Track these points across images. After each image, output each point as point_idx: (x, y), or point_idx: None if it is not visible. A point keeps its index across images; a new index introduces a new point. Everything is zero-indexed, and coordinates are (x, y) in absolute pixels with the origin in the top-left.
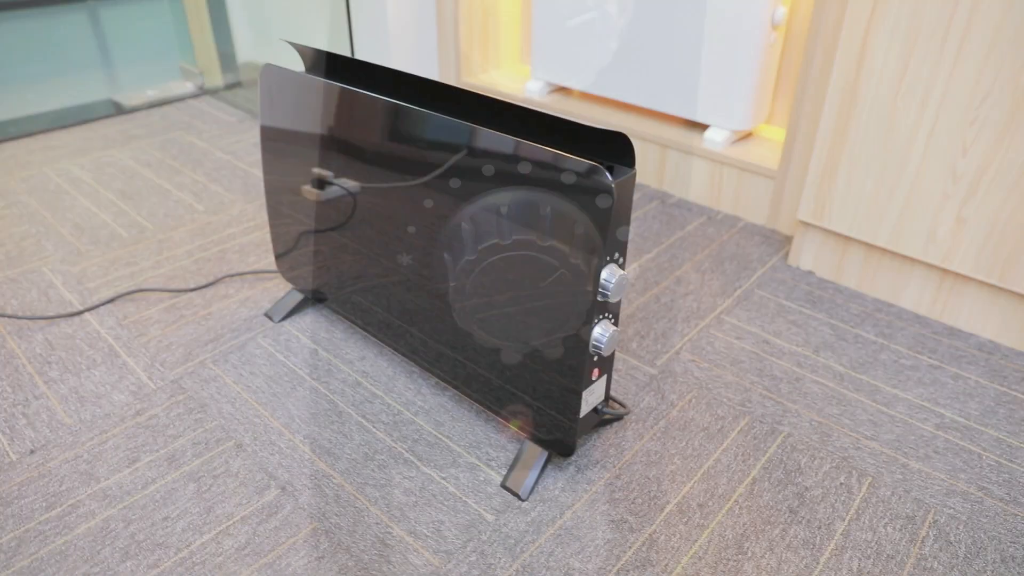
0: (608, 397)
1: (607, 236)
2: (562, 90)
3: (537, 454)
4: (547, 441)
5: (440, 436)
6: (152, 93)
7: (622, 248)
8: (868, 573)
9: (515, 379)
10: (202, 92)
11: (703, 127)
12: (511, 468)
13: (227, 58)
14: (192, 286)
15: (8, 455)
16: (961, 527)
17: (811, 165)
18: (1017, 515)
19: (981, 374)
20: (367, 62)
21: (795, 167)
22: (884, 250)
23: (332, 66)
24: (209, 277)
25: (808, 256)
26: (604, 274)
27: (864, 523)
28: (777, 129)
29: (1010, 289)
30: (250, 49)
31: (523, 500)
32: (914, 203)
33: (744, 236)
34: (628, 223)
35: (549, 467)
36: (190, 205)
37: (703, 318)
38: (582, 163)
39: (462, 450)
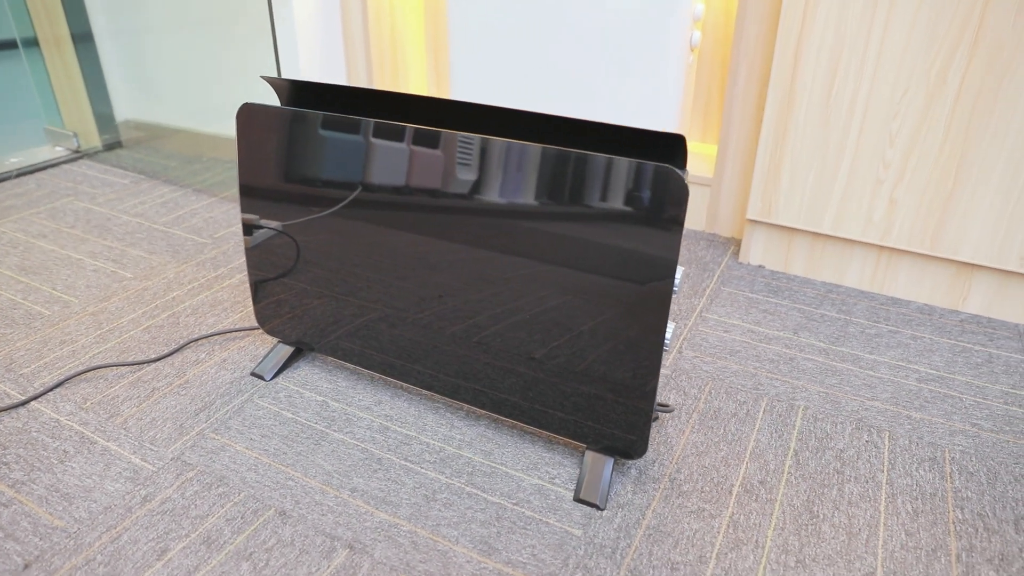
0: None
1: (680, 235)
2: None
3: (603, 462)
4: (610, 448)
5: (494, 464)
6: (16, 160)
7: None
8: (922, 511)
9: (543, 396)
10: (78, 155)
11: None
12: (580, 480)
13: (104, 118)
14: (154, 356)
15: None
16: (974, 459)
17: (756, 168)
18: (1009, 441)
19: (931, 332)
20: (350, 87)
21: (730, 174)
22: (828, 236)
23: (313, 96)
24: (170, 344)
25: (757, 251)
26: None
27: (900, 471)
28: (698, 143)
29: (938, 256)
30: (130, 107)
31: (602, 509)
32: (852, 191)
33: (690, 242)
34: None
35: (612, 473)
36: (114, 273)
37: (688, 318)
38: (657, 166)
39: (522, 474)
